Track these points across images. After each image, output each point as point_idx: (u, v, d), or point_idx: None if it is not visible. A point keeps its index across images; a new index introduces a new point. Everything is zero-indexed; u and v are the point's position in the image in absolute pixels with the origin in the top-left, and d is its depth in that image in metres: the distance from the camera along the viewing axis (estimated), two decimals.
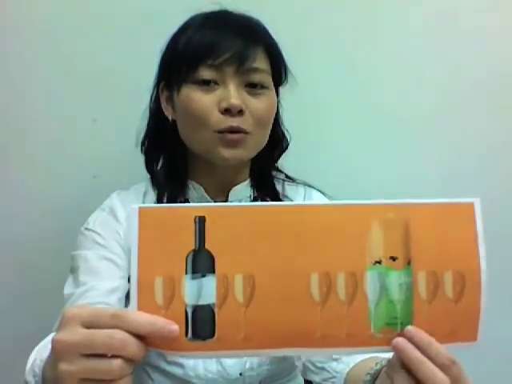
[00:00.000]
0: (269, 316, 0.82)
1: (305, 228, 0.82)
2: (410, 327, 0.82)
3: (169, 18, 1.32)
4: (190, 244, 0.80)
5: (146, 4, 1.67)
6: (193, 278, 0.81)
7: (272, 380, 1.34)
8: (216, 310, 0.81)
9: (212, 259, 0.81)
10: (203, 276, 0.81)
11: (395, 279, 0.84)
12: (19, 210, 1.71)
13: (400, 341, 0.82)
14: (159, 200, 1.34)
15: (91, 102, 1.70)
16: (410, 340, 0.81)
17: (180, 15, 1.32)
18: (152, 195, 1.37)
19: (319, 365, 1.31)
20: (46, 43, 1.67)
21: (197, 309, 0.81)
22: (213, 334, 0.82)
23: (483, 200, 1.62)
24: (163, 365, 1.30)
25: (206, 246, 0.80)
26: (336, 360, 1.27)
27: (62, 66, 1.68)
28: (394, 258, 0.83)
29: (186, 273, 0.81)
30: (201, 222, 0.79)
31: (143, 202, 1.37)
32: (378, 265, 0.83)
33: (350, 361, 1.17)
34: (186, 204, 1.27)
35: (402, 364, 0.82)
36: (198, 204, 1.25)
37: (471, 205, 0.87)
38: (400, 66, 1.71)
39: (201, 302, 0.81)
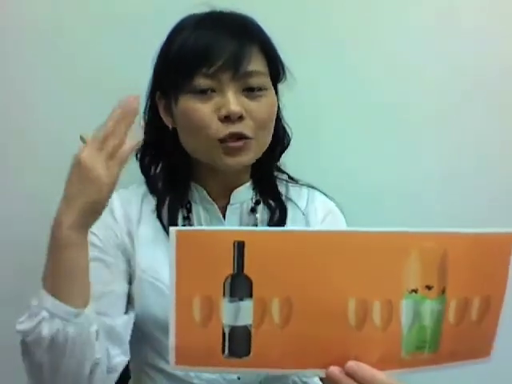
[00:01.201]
0: (304, 338, 0.84)
1: (344, 254, 0.83)
2: (351, 363, 0.84)
3: (169, 19, 1.31)
4: (228, 267, 0.81)
5: (146, 4, 1.66)
6: (230, 302, 0.82)
7: (271, 382, 1.34)
8: (252, 331, 0.83)
9: (250, 283, 0.82)
10: (241, 300, 0.82)
11: (428, 307, 0.86)
12: (19, 210, 1.70)
13: (334, 370, 0.84)
14: (159, 204, 1.33)
15: (91, 102, 1.68)
16: (353, 375, 0.84)
17: (180, 15, 1.31)
18: (150, 199, 1.36)
19: (304, 379, 1.36)
20: (46, 43, 1.66)
21: (234, 329, 0.83)
22: (249, 352, 0.84)
23: (483, 200, 1.65)
24: (163, 366, 1.31)
25: (245, 270, 0.81)
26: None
27: (62, 66, 1.67)
28: (429, 287, 0.85)
29: (224, 295, 0.82)
30: (240, 246, 0.80)
31: (141, 205, 1.35)
32: (413, 293, 0.85)
33: None
34: (225, 228, 1.25)
35: None
36: (237, 228, 1.26)
37: (511, 235, 0.88)
38: (400, 65, 1.71)
39: (238, 323, 0.83)
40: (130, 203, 1.35)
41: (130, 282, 1.33)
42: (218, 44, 1.20)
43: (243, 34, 1.24)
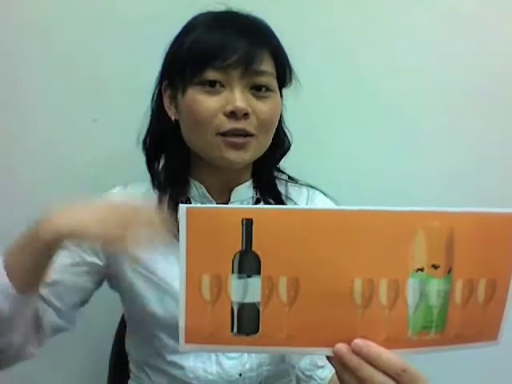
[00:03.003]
0: (311, 317, 0.85)
1: (350, 233, 0.84)
2: (357, 340, 0.85)
3: (170, 19, 1.32)
4: (237, 245, 0.82)
5: (146, 4, 1.67)
6: (239, 278, 0.84)
7: (271, 381, 1.35)
8: (260, 309, 0.84)
9: (258, 261, 0.83)
10: (249, 277, 0.83)
11: (435, 286, 0.86)
12: (19, 210, 1.69)
13: (341, 347, 0.85)
14: (160, 199, 1.32)
15: (91, 102, 1.69)
16: (359, 352, 0.84)
17: (181, 16, 1.31)
18: (151, 195, 1.36)
19: (308, 373, 1.36)
20: (47, 43, 1.67)
21: (242, 306, 0.84)
22: (256, 330, 0.85)
23: (483, 200, 1.66)
24: (163, 366, 1.32)
25: (253, 248, 0.82)
26: (321, 367, 1.33)
27: (63, 66, 1.68)
28: (435, 267, 0.85)
29: (233, 272, 0.83)
30: (248, 224, 0.81)
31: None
32: (420, 272, 0.85)
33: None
34: (234, 206, 1.27)
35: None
36: (246, 206, 1.28)
37: None
38: (400, 67, 1.73)
39: (246, 300, 0.84)
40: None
41: (101, 282, 1.35)
42: (232, 42, 1.22)
43: (256, 35, 1.26)
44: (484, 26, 1.71)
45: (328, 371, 1.30)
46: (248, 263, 0.82)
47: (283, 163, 1.46)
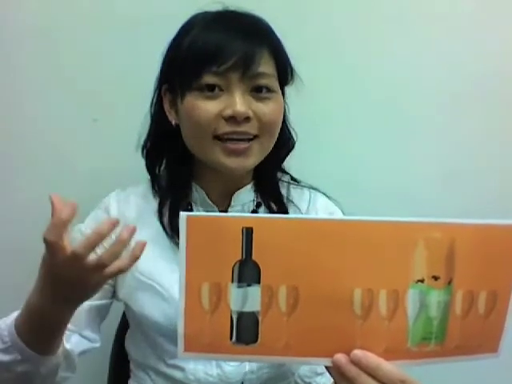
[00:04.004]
0: (310, 326, 0.85)
1: (351, 243, 0.83)
2: (356, 351, 0.85)
3: (170, 20, 1.30)
4: (237, 253, 0.82)
5: (147, 5, 1.66)
6: (238, 287, 0.84)
7: (272, 383, 1.34)
8: (260, 318, 0.84)
9: (258, 270, 0.83)
10: (248, 285, 0.83)
11: (435, 297, 0.86)
12: (19, 211, 1.70)
13: (340, 357, 0.85)
14: (161, 205, 1.31)
15: (91, 102, 1.69)
16: (358, 363, 0.84)
17: (181, 16, 1.30)
18: (151, 199, 1.35)
19: (307, 380, 1.36)
20: (47, 43, 1.66)
21: (242, 315, 0.84)
22: (256, 340, 0.85)
23: (482, 200, 1.66)
24: (163, 368, 1.31)
25: (253, 257, 0.82)
26: (320, 374, 1.34)
27: (63, 65, 1.68)
28: (436, 278, 0.85)
29: (232, 281, 0.83)
30: (248, 233, 0.81)
31: (141, 204, 1.35)
32: (420, 283, 0.85)
33: None
34: (234, 214, 1.24)
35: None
36: (246, 214, 1.25)
37: None
38: (400, 66, 1.72)
39: (246, 309, 0.84)
40: (127, 203, 1.34)
41: (113, 296, 1.34)
42: (230, 44, 1.18)
43: (254, 35, 1.22)
44: (483, 25, 1.71)
45: (327, 378, 1.29)
46: (248, 272, 0.82)
47: (285, 163, 1.45)
